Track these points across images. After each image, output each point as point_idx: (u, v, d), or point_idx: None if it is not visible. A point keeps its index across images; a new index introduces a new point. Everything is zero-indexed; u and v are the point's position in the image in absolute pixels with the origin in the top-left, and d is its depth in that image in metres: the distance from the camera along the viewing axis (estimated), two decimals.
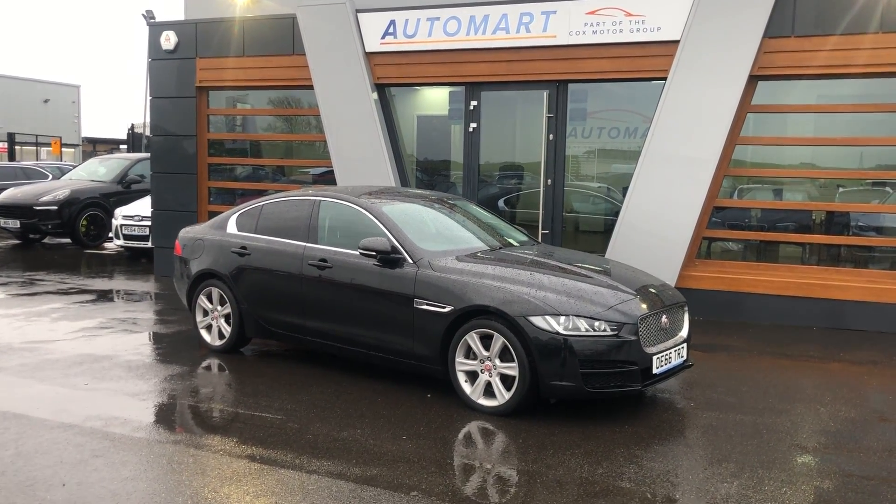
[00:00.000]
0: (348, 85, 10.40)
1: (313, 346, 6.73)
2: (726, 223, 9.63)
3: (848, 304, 8.58)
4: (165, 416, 5.57)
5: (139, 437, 5.00)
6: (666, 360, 5.62)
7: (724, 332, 8.45)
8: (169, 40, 11.58)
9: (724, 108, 8.72)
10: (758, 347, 7.87)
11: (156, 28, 11.77)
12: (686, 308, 6.16)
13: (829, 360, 7.45)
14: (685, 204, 8.97)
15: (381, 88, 10.45)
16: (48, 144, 37.04)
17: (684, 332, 6.02)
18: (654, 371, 5.49)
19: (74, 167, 19.44)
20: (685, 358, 5.96)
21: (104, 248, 15.29)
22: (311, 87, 10.70)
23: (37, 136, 37.92)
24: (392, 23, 10.11)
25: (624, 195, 9.38)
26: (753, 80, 8.76)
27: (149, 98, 11.91)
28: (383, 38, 10.19)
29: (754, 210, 9.62)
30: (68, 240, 15.77)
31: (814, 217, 9.34)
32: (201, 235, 7.49)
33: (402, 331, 5.94)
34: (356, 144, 10.46)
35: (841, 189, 9.26)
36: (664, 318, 5.72)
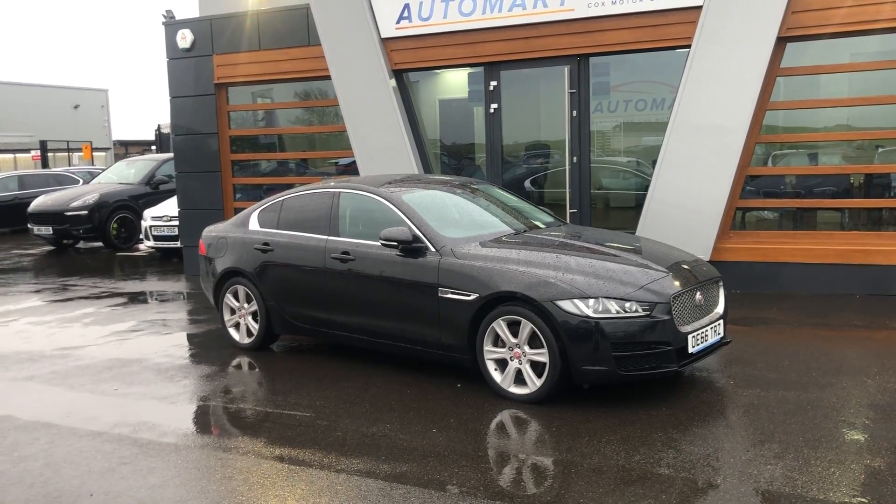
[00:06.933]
0: (366, 73, 10.25)
1: (341, 340, 6.64)
2: (760, 192, 9.33)
3: (892, 269, 8.26)
4: (193, 419, 5.53)
5: (167, 442, 4.95)
6: (702, 338, 5.43)
7: (763, 304, 8.19)
8: (185, 38, 11.54)
9: (752, 73, 8.41)
10: (798, 319, 7.61)
11: (172, 27, 11.73)
12: (721, 283, 5.95)
13: (874, 328, 7.18)
14: (716, 174, 8.70)
15: (398, 74, 10.29)
16: (80, 150, 37.47)
17: (720, 308, 5.81)
18: (690, 350, 5.30)
19: (104, 171, 19.63)
20: (722, 335, 5.75)
21: (136, 250, 15.41)
22: (329, 78, 10.58)
23: (68, 142, 38.40)
24: (406, 6, 9.93)
25: (654, 169, 9.13)
26: (781, 41, 8.43)
27: (169, 98, 11.88)
28: (398, 22, 10.02)
29: (789, 177, 9.31)
30: (100, 243, 15.92)
31: (852, 180, 9.01)
32: (224, 234, 7.44)
33: (428, 321, 5.81)
34: (377, 133, 10.33)
35: (880, 149, 8.91)
36: (698, 295, 5.52)
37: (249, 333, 7.19)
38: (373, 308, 6.21)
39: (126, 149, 47.66)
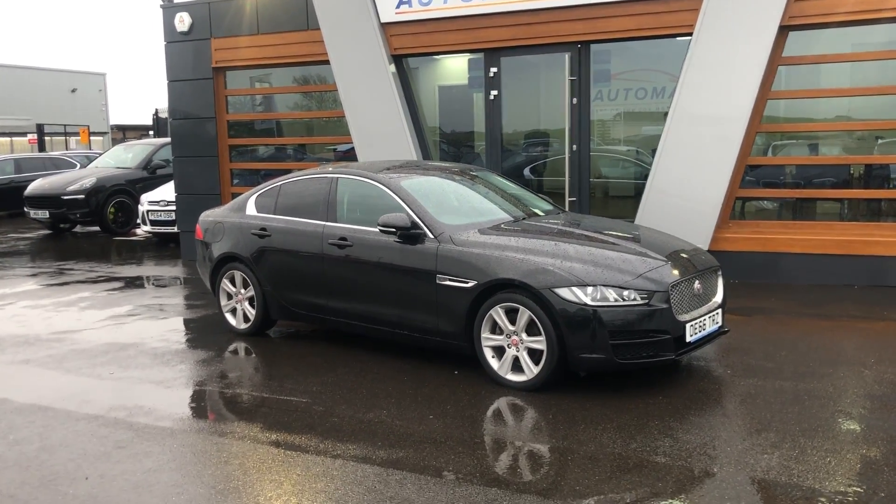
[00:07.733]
0: (365, 58, 10.19)
1: (338, 326, 6.62)
2: (760, 182, 9.31)
3: (891, 260, 8.25)
4: (189, 403, 5.51)
5: (163, 426, 4.94)
6: (700, 327, 5.42)
7: (761, 294, 8.18)
8: (183, 22, 11.46)
9: (753, 61, 8.37)
10: (796, 309, 7.61)
11: (170, 10, 11.65)
12: (720, 272, 5.93)
13: (872, 319, 7.17)
14: (716, 164, 8.67)
15: (398, 60, 10.23)
16: (77, 133, 37.36)
17: (719, 298, 5.80)
18: (688, 339, 5.29)
19: (101, 155, 19.57)
20: (720, 324, 5.74)
21: (133, 235, 15.36)
22: (327, 63, 10.52)
23: (65, 125, 38.29)
24: None
25: (654, 158, 9.10)
26: (784, 30, 8.39)
27: (167, 82, 11.81)
28: (398, 7, 9.95)
29: (789, 167, 9.29)
30: (97, 228, 15.88)
31: (852, 171, 8.99)
32: (221, 218, 7.40)
33: (426, 307, 5.80)
34: (376, 119, 10.28)
35: (880, 140, 8.88)
36: (697, 284, 5.50)
37: (246, 319, 7.16)
38: (370, 294, 6.19)
39: (123, 133, 47.54)
